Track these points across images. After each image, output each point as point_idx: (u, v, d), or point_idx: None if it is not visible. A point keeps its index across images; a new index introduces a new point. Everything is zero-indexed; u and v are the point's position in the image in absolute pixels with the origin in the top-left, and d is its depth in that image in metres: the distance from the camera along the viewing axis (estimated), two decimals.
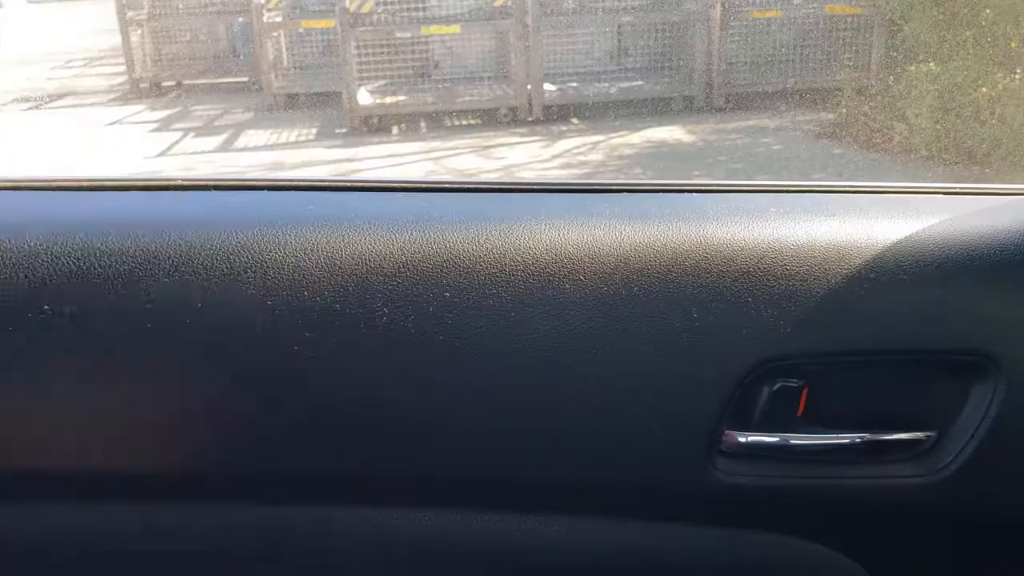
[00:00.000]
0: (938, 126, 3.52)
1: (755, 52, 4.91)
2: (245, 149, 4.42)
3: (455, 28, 5.01)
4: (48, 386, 0.48)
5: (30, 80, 5.80)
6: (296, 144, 4.46)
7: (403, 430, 0.49)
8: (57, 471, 0.49)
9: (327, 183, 0.58)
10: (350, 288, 0.47)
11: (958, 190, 0.62)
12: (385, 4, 4.92)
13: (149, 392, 0.47)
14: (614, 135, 4.43)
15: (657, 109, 4.86)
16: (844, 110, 4.23)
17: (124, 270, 0.47)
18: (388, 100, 4.74)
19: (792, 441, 0.56)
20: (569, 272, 0.49)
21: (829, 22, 4.81)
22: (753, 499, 0.57)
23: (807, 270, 0.52)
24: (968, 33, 3.52)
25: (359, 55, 4.85)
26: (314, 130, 4.71)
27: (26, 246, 0.48)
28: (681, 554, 0.60)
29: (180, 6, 5.66)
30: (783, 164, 3.85)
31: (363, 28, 4.88)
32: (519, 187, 0.51)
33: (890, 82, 4.04)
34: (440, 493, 0.49)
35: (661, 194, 0.58)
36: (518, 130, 4.47)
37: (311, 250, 0.48)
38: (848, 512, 0.60)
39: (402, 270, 0.47)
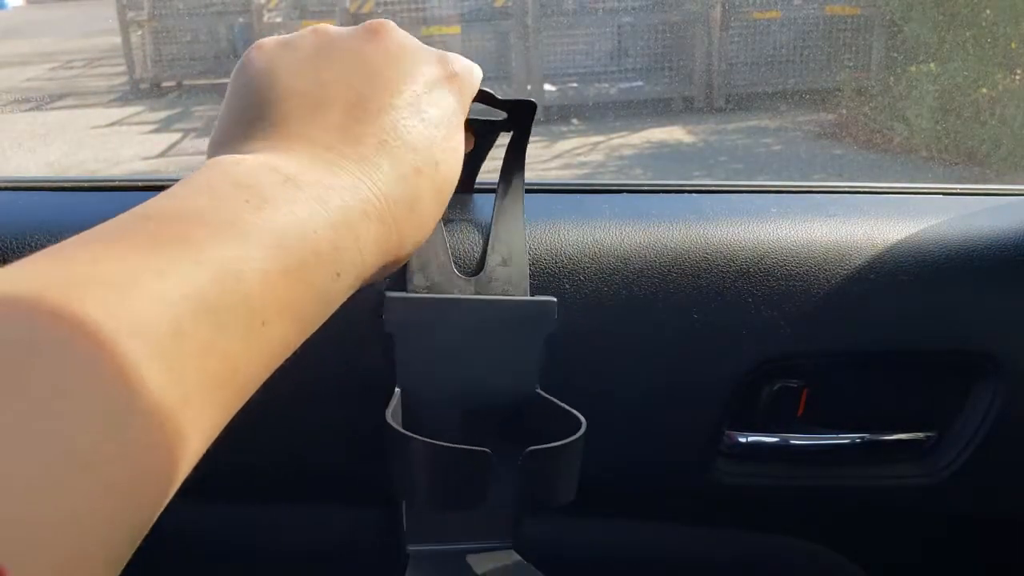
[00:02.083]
0: (938, 127, 3.53)
1: (755, 53, 4.91)
2: None
3: (455, 28, 5.01)
4: None
5: (31, 81, 5.80)
6: None
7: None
8: None
9: None
10: None
11: (958, 190, 0.62)
12: (385, 4, 4.93)
13: None
14: (614, 136, 4.44)
15: (657, 110, 4.87)
16: (844, 111, 4.23)
17: None
18: None
19: (792, 441, 0.56)
20: (569, 272, 0.49)
21: (829, 22, 4.81)
22: (754, 499, 0.57)
23: (807, 270, 0.52)
24: (968, 33, 3.52)
25: None
26: None
27: (27, 246, 0.48)
28: (681, 554, 0.60)
29: (180, 6, 5.66)
30: (783, 164, 3.86)
31: None
32: None
33: (890, 82, 4.04)
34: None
35: (661, 194, 0.58)
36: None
37: None
38: (848, 512, 0.60)
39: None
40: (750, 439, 0.55)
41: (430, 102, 0.35)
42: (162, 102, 5.47)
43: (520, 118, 0.47)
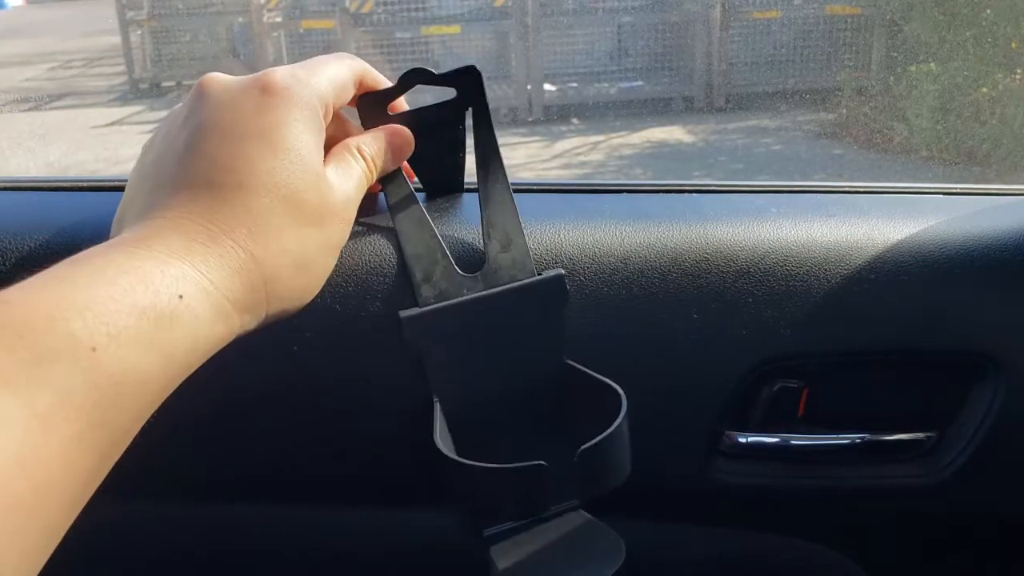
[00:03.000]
0: (938, 126, 3.53)
1: (755, 52, 4.92)
2: None
3: (455, 28, 5.01)
4: None
5: (30, 81, 5.80)
6: None
7: (402, 432, 0.49)
8: None
9: None
10: (349, 287, 0.47)
11: (958, 190, 0.62)
12: (385, 4, 4.93)
13: None
14: (614, 135, 4.44)
15: (657, 109, 4.87)
16: (844, 110, 4.24)
17: None
18: None
19: (792, 441, 0.56)
20: (569, 272, 0.49)
21: (829, 22, 4.81)
22: (753, 499, 0.57)
23: (807, 270, 0.52)
24: (968, 33, 3.52)
25: (359, 56, 4.84)
26: None
27: (26, 246, 0.48)
28: (681, 554, 0.60)
29: (180, 6, 5.66)
30: (783, 164, 3.86)
31: (363, 28, 4.89)
32: (518, 187, 0.51)
33: (890, 82, 4.04)
34: (439, 493, 0.49)
35: (661, 194, 0.58)
36: (518, 130, 4.48)
37: None
38: (848, 512, 0.59)
39: (395, 269, 0.47)
40: (750, 439, 0.55)
41: (234, 122, 0.36)
42: (162, 102, 5.47)
43: (469, 91, 0.45)
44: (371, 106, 0.45)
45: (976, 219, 0.55)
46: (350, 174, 0.41)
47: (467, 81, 0.45)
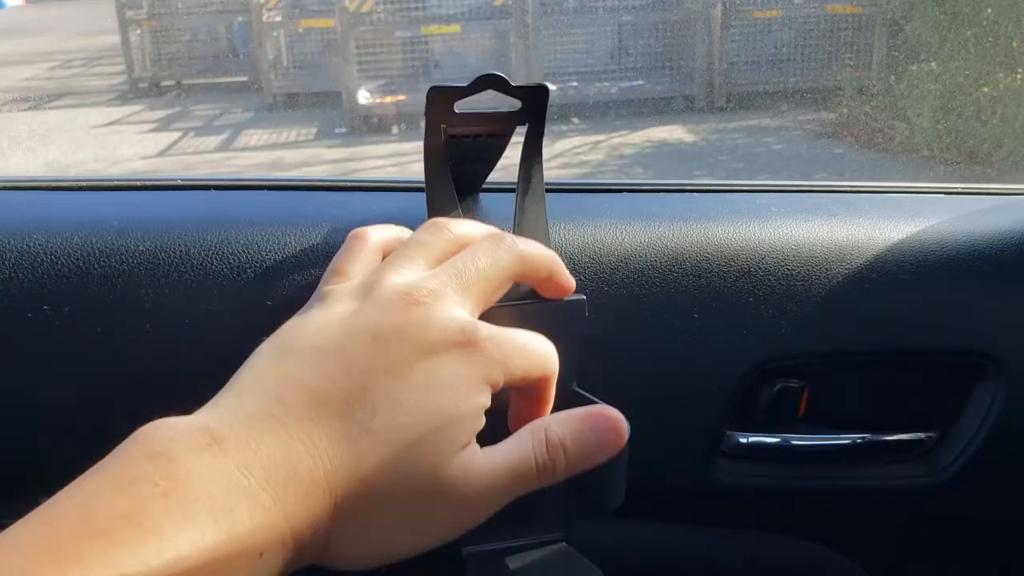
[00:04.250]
0: (939, 126, 3.53)
1: (756, 51, 4.92)
2: (245, 149, 4.43)
3: (455, 28, 5.02)
4: (46, 387, 0.48)
5: (30, 80, 5.80)
6: (295, 144, 4.47)
7: None
8: (55, 472, 0.49)
9: (327, 182, 0.58)
10: None
11: (959, 190, 0.62)
12: (385, 4, 4.93)
13: (149, 393, 0.47)
14: (615, 135, 4.44)
15: (658, 109, 4.88)
16: (845, 110, 4.24)
17: (124, 270, 0.47)
18: (388, 99, 4.75)
19: (793, 442, 0.56)
20: (569, 272, 0.49)
21: (830, 22, 4.81)
22: (754, 499, 0.57)
23: (807, 270, 0.52)
24: (969, 32, 3.52)
25: (359, 55, 4.86)
26: (314, 130, 4.72)
27: (26, 246, 0.48)
28: (681, 554, 0.60)
29: (180, 6, 5.67)
30: (784, 164, 3.86)
31: (363, 28, 4.89)
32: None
33: (891, 82, 4.04)
34: None
35: (661, 194, 0.58)
36: (518, 130, 4.47)
37: (311, 250, 0.48)
38: (849, 512, 0.59)
39: None
40: (751, 439, 0.55)
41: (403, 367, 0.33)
42: (161, 101, 5.47)
43: (533, 106, 0.45)
44: (440, 99, 0.44)
45: (977, 219, 0.55)
46: (508, 456, 0.36)
47: (535, 98, 0.45)
